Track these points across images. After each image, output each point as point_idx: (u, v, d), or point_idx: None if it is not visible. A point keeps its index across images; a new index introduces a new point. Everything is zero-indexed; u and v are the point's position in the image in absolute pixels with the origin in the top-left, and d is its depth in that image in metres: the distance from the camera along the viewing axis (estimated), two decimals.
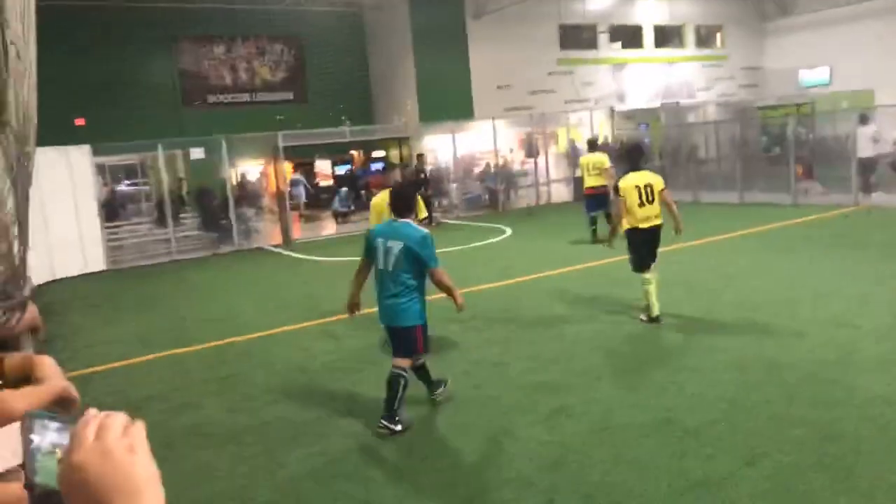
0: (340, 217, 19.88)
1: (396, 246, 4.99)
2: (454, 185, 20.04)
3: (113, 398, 6.30)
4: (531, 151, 22.29)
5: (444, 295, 5.19)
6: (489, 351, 6.73)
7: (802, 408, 4.81)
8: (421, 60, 23.43)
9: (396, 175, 8.21)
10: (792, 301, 7.58)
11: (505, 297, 8.46)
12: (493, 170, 20.33)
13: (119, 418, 0.91)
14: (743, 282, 8.70)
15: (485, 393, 5.63)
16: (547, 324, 7.50)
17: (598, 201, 12.43)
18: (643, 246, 7.15)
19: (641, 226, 7.07)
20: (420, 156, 16.84)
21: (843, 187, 15.12)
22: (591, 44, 27.67)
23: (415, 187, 7.86)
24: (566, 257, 11.37)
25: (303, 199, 21.35)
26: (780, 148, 16.82)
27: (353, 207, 20.24)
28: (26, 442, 0.86)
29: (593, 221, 12.47)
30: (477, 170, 21.36)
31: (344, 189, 20.74)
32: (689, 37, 30.74)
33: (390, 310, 5.12)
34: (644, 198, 7.02)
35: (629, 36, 29.03)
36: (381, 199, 6.73)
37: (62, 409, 2.16)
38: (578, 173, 14.19)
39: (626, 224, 7.19)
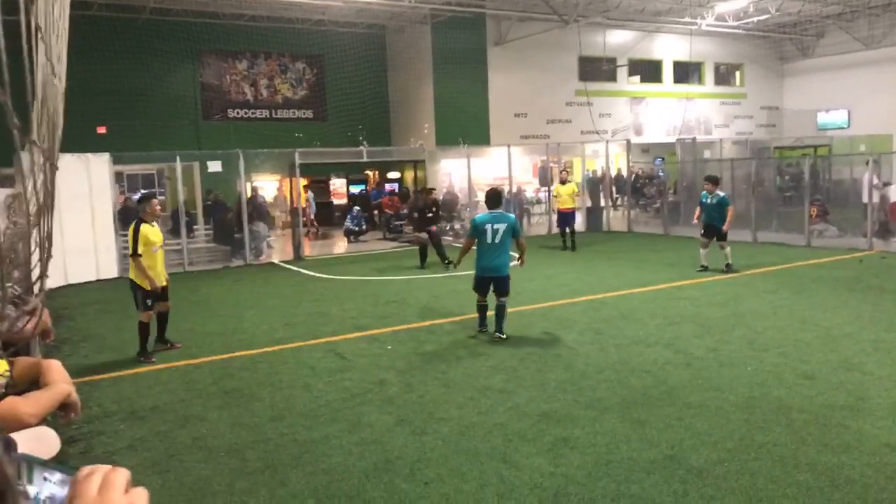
0: (352, 236, 19.97)
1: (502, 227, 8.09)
2: (467, 210, 20.10)
3: (118, 406, 6.32)
4: (545, 180, 22.37)
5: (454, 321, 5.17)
6: (495, 378, 6.70)
7: (810, 452, 4.76)
8: (440, 84, 23.68)
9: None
10: (802, 343, 7.52)
11: (513, 325, 8.44)
12: (506, 196, 20.40)
13: (122, 475, 0.91)
14: (753, 321, 8.65)
15: (490, 420, 5.60)
16: (555, 353, 7.48)
17: (568, 219, 16.06)
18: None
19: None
20: (430, 190, 16.27)
21: (857, 230, 15.06)
22: (610, 76, 27.87)
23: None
24: (575, 288, 11.36)
25: (311, 215, 21.49)
26: (795, 189, 16.79)
27: (365, 227, 20.34)
28: (14, 486, 0.85)
29: (564, 234, 16.11)
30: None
31: (357, 208, 20.86)
32: (709, 74, 30.90)
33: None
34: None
35: (648, 70, 29.24)
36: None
37: (64, 413, 2.18)
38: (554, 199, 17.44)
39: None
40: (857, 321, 8.42)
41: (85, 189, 14.06)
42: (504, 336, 8.13)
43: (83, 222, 13.88)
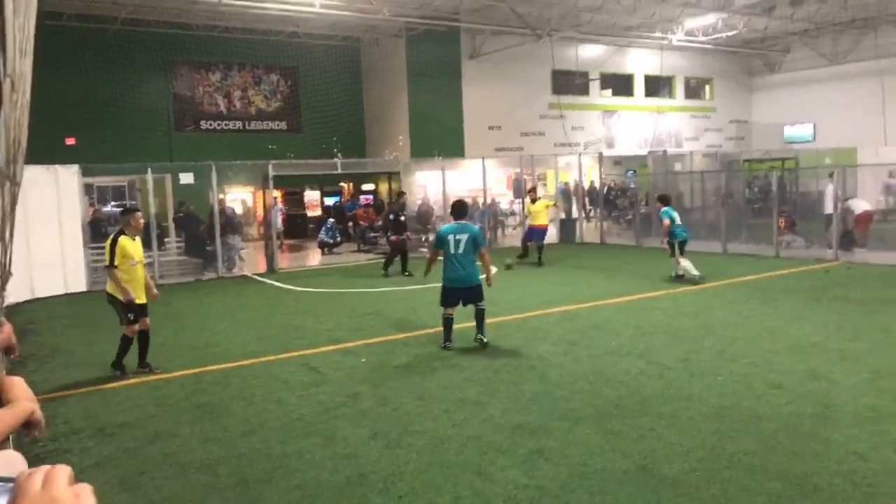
0: (326, 248, 19.88)
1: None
2: (442, 222, 20.13)
3: (86, 423, 6.20)
4: (520, 192, 22.52)
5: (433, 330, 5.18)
6: (470, 390, 6.71)
7: (779, 460, 4.83)
8: (415, 96, 23.78)
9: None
10: (771, 352, 7.65)
11: (487, 336, 8.45)
12: (480, 208, 20.49)
13: (63, 470, 0.94)
14: (724, 331, 8.78)
15: (464, 432, 5.60)
16: (529, 364, 7.51)
17: (538, 234, 16.06)
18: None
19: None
20: (401, 193, 17.34)
21: (823, 242, 15.39)
22: (583, 90, 28.22)
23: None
24: (549, 299, 11.43)
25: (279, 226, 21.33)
26: (763, 201, 17.11)
27: (339, 239, 20.26)
28: None
29: (539, 249, 15.89)
30: None
31: (332, 220, 20.78)
32: (679, 88, 31.43)
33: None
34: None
35: (620, 84, 29.65)
36: None
37: (28, 430, 2.14)
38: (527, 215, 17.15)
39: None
40: (824, 331, 8.58)
41: (53, 201, 13.83)
42: (485, 340, 8.21)
43: (51, 235, 13.65)
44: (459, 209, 8.65)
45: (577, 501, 4.37)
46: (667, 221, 12.83)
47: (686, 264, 12.52)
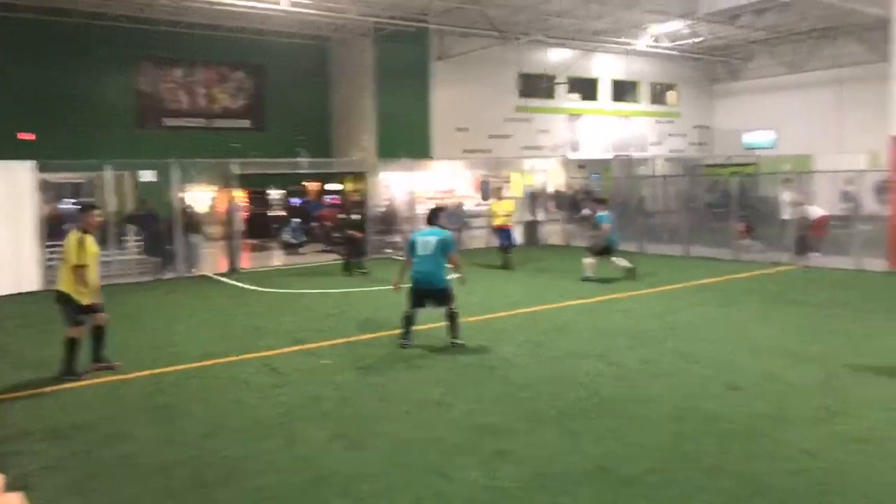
0: (290, 248, 19.68)
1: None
2: (408, 224, 20.07)
3: (38, 425, 6.03)
4: (487, 194, 22.61)
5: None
6: (433, 391, 6.69)
7: (735, 460, 4.91)
8: (383, 97, 23.66)
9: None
10: (730, 354, 7.79)
11: (462, 339, 8.44)
12: (449, 209, 20.47)
13: None
14: (684, 333, 8.91)
15: (427, 434, 5.58)
16: (493, 366, 7.52)
17: (505, 235, 16.01)
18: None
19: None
20: (356, 191, 17.83)
21: (781, 246, 15.74)
22: (549, 93, 28.42)
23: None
24: (514, 300, 11.48)
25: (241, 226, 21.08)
26: (724, 206, 17.44)
27: (304, 239, 20.07)
28: None
29: (507, 249, 15.80)
30: (426, 209, 21.44)
31: (296, 220, 20.57)
32: (644, 93, 31.85)
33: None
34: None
35: (586, 88, 29.93)
36: None
37: None
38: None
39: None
40: (782, 333, 8.77)
41: (6, 199, 13.45)
42: (459, 342, 8.24)
43: (3, 233, 13.26)
44: (431, 215, 8.92)
45: (537, 502, 4.38)
46: (607, 226, 13.40)
47: (618, 261, 13.29)
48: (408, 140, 22.68)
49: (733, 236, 16.41)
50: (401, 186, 20.92)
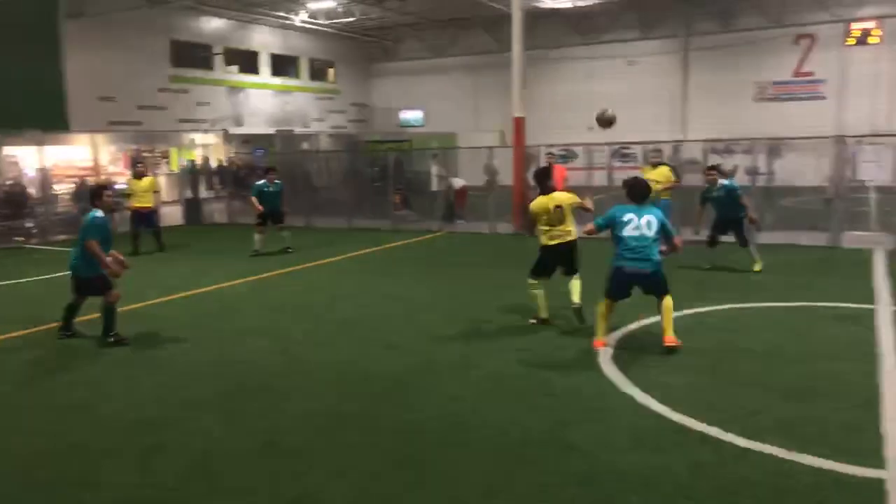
0: None
1: None
2: (42, 206, 17.45)
3: None
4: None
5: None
6: (76, 393, 5.95)
7: (391, 413, 5.28)
8: None
9: None
10: (388, 316, 8.34)
11: (96, 332, 7.58)
12: (87, 187, 18.29)
13: None
14: (347, 301, 9.30)
15: (65, 441, 4.94)
16: (150, 355, 6.97)
17: (147, 219, 14.11)
18: (554, 259, 7.59)
19: (552, 243, 7.51)
20: None
21: (433, 215, 17.36)
22: (207, 64, 27.02)
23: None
24: (172, 285, 10.77)
25: None
26: (383, 179, 18.54)
27: None
28: None
29: (137, 236, 13.96)
30: (66, 187, 18.90)
31: None
32: (304, 68, 32.10)
33: None
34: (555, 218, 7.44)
35: (246, 61, 29.11)
36: None
37: None
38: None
39: (543, 241, 7.58)
40: (432, 293, 9.66)
41: None
42: (113, 338, 7.35)
43: None
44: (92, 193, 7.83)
45: (198, 490, 4.19)
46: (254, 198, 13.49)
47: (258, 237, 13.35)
48: (36, 109, 19.57)
49: (392, 208, 17.56)
50: (30, 163, 18.07)
